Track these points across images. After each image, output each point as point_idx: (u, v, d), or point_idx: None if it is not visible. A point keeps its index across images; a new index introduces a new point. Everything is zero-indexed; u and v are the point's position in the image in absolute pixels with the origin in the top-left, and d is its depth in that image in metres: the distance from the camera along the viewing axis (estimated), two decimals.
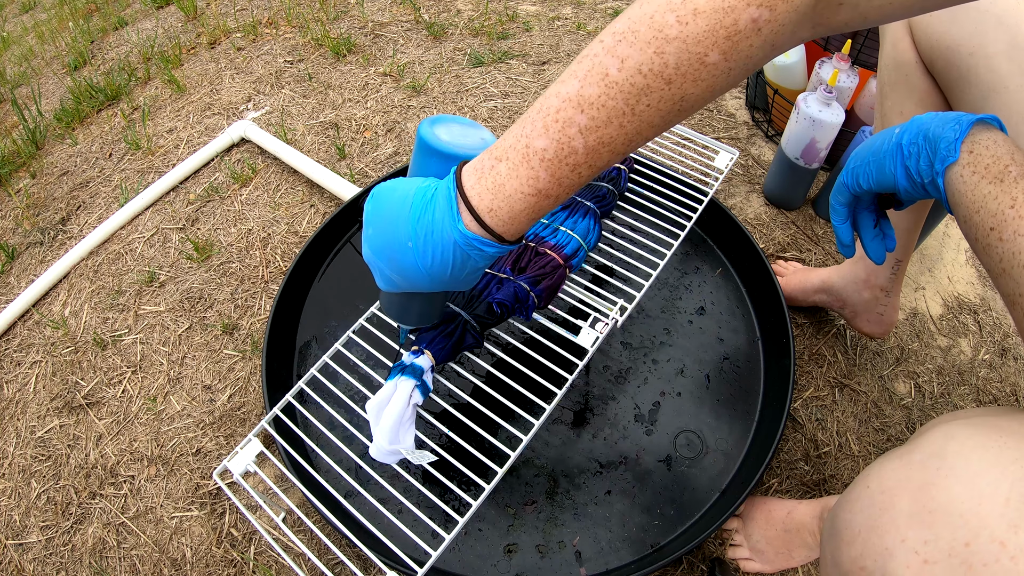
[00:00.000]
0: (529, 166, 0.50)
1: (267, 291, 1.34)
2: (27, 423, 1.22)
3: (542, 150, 0.49)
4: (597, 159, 0.50)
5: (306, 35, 1.99)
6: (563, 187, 0.51)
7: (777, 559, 0.98)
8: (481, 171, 0.52)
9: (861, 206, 0.69)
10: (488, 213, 0.52)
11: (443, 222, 0.53)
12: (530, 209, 0.52)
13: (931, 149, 0.55)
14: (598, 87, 0.46)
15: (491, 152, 0.52)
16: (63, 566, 1.05)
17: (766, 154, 1.54)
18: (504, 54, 1.83)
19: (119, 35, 2.25)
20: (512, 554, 0.97)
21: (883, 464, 0.49)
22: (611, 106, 0.47)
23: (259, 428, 0.84)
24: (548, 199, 0.51)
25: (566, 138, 0.48)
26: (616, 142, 0.49)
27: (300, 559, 1.02)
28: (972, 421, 0.47)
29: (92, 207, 1.58)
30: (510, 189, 0.51)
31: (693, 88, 0.46)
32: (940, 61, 0.78)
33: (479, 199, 0.52)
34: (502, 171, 0.51)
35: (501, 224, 0.52)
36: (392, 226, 0.56)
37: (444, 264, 0.55)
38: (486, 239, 0.53)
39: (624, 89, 0.46)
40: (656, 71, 0.45)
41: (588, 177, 0.51)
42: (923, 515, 0.42)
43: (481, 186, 0.52)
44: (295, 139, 1.65)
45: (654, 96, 0.46)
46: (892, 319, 1.11)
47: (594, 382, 1.13)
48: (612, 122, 0.47)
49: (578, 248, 0.94)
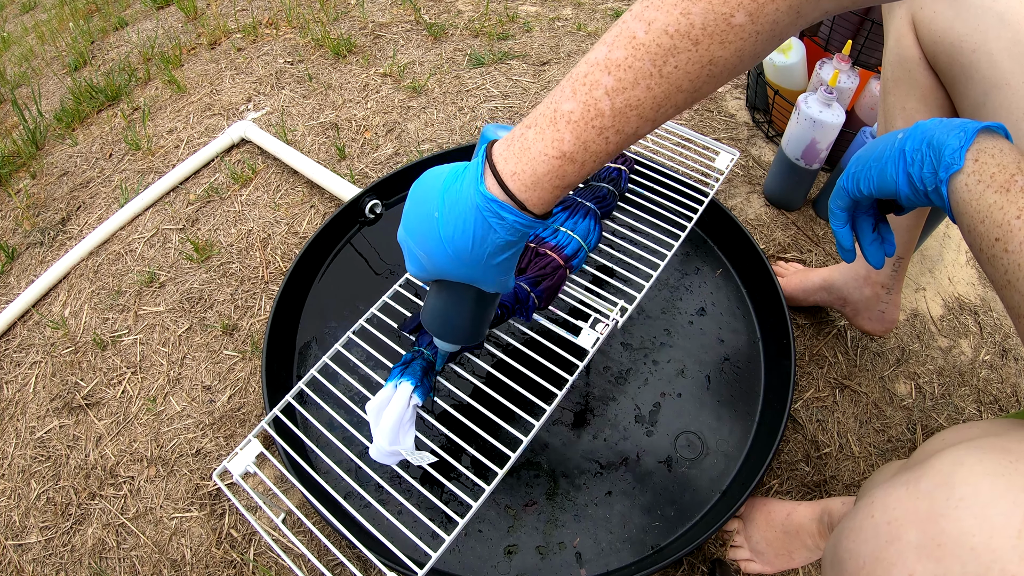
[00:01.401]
0: (555, 128, 0.50)
1: (267, 292, 1.34)
2: (27, 423, 1.21)
3: (568, 112, 0.49)
4: (625, 123, 0.49)
5: (306, 36, 1.99)
6: (589, 152, 0.50)
7: (777, 560, 0.97)
8: (511, 138, 0.52)
9: (860, 210, 0.68)
10: (511, 176, 0.52)
11: (468, 189, 0.54)
12: (553, 173, 0.51)
13: (935, 156, 0.54)
14: (625, 49, 0.47)
15: (523, 122, 0.52)
16: (63, 567, 1.05)
17: (766, 155, 1.53)
18: (504, 55, 1.83)
19: (119, 35, 2.25)
20: (512, 555, 0.97)
21: (888, 492, 0.47)
22: (638, 67, 0.47)
23: (259, 429, 0.84)
24: (573, 164, 0.51)
25: (592, 100, 0.48)
26: (644, 106, 0.48)
27: (300, 560, 1.02)
28: (981, 444, 0.45)
29: (92, 207, 1.58)
30: (535, 151, 0.51)
31: (721, 51, 0.46)
32: (943, 57, 0.78)
33: (504, 163, 0.52)
34: (529, 136, 0.51)
35: (524, 189, 0.52)
36: (424, 200, 0.57)
37: (465, 234, 0.55)
38: (506, 204, 0.53)
39: (651, 50, 0.46)
40: (683, 31, 0.45)
41: (616, 144, 0.51)
42: (932, 548, 0.40)
43: (508, 151, 0.52)
44: (295, 140, 1.64)
45: (681, 57, 0.46)
46: (893, 317, 1.10)
47: (594, 383, 1.13)
48: (639, 83, 0.47)
49: (578, 249, 0.94)
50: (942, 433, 0.57)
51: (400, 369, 0.80)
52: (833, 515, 0.89)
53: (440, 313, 0.68)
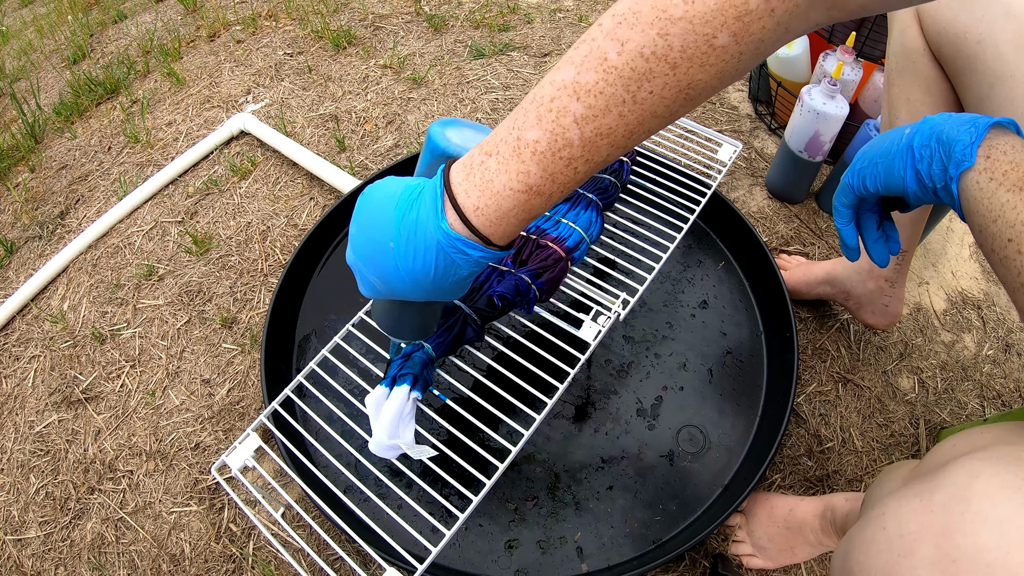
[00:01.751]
0: (520, 160, 0.46)
1: (266, 284, 1.33)
2: (25, 418, 1.21)
3: (534, 142, 0.45)
4: (594, 153, 0.46)
5: (306, 27, 1.98)
6: (557, 184, 0.47)
7: (780, 556, 0.97)
8: (470, 167, 0.48)
9: (865, 207, 0.66)
10: (474, 212, 0.48)
11: (427, 221, 0.49)
12: (520, 208, 0.48)
13: (945, 152, 0.52)
14: (596, 72, 0.43)
15: (481, 147, 0.49)
16: (62, 562, 1.05)
17: (769, 147, 1.52)
18: (505, 46, 1.82)
19: (118, 28, 2.24)
20: (513, 550, 0.97)
21: (902, 503, 0.45)
22: (610, 93, 0.43)
23: (257, 423, 0.83)
24: (540, 197, 0.48)
25: (560, 128, 0.45)
26: (616, 134, 0.45)
27: (299, 555, 1.01)
28: (997, 455, 0.43)
29: (91, 201, 1.57)
30: (498, 185, 0.47)
31: (701, 74, 0.42)
32: (948, 49, 0.77)
33: (465, 196, 0.48)
34: (491, 166, 0.47)
35: (488, 224, 0.49)
36: (376, 225, 0.52)
37: (426, 268, 0.51)
38: (471, 241, 0.49)
39: (624, 74, 0.42)
40: (660, 54, 0.41)
41: (585, 173, 0.47)
42: (946, 564, 0.39)
43: (469, 183, 0.48)
44: (295, 132, 1.64)
45: (657, 82, 0.43)
46: (897, 310, 1.10)
47: (596, 376, 1.12)
48: (611, 111, 0.44)
49: (580, 241, 0.93)
50: (952, 438, 0.55)
51: (400, 362, 0.79)
52: (836, 511, 0.89)
53: (392, 315, 0.68)
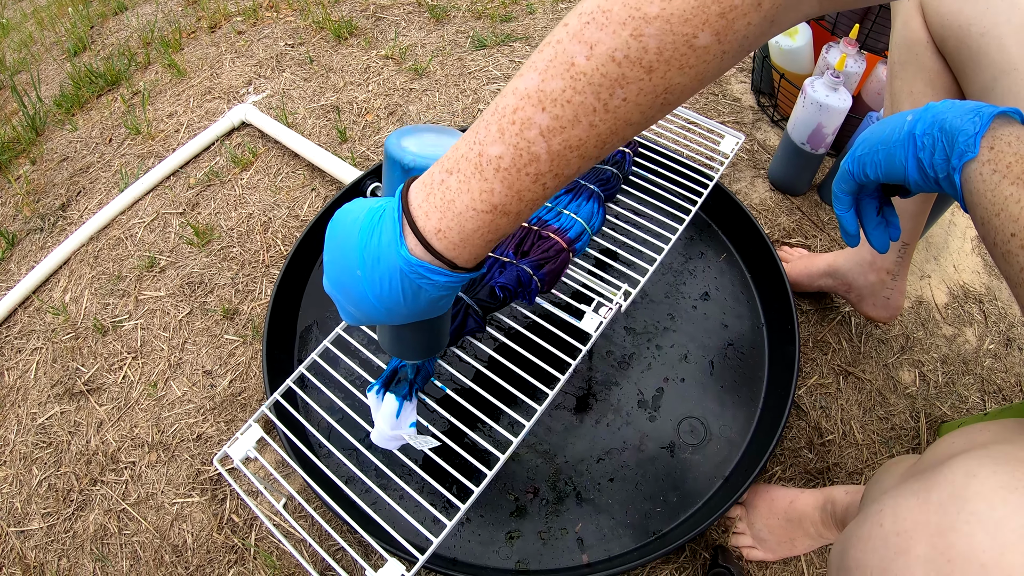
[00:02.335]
0: (482, 177, 0.43)
1: (268, 276, 1.33)
2: (28, 410, 1.21)
3: (497, 158, 0.42)
4: (564, 166, 0.42)
5: (307, 18, 1.97)
6: (524, 202, 0.44)
7: (780, 548, 0.97)
8: (430, 186, 0.45)
9: (864, 193, 0.65)
10: (436, 235, 0.45)
11: (388, 248, 0.46)
12: (485, 229, 0.45)
13: (948, 142, 0.51)
14: (562, 79, 0.39)
15: (442, 164, 0.45)
16: (64, 553, 1.05)
17: (771, 139, 1.52)
18: (507, 37, 1.81)
19: (119, 20, 2.23)
20: (514, 540, 0.97)
21: (899, 501, 0.45)
22: (578, 101, 0.39)
23: (259, 414, 0.83)
24: (506, 216, 0.44)
25: (525, 143, 0.41)
26: (586, 145, 0.41)
27: (301, 545, 1.02)
28: (994, 454, 0.43)
29: (92, 193, 1.57)
30: (460, 205, 0.44)
31: (679, 77, 0.39)
32: (951, 41, 0.76)
33: (426, 219, 0.45)
34: (452, 185, 0.44)
35: (451, 248, 0.46)
36: (343, 253, 0.50)
37: (394, 295, 0.48)
38: (434, 266, 0.46)
39: (594, 81, 0.39)
40: (634, 58, 0.38)
41: (555, 188, 0.44)
42: (941, 563, 0.39)
43: (429, 204, 0.45)
44: (296, 123, 1.63)
45: (631, 88, 0.39)
46: (898, 303, 1.09)
47: (597, 367, 1.12)
48: (580, 121, 0.40)
49: (582, 232, 0.93)
50: (951, 435, 0.55)
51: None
52: (836, 504, 0.89)
53: (396, 338, 0.65)
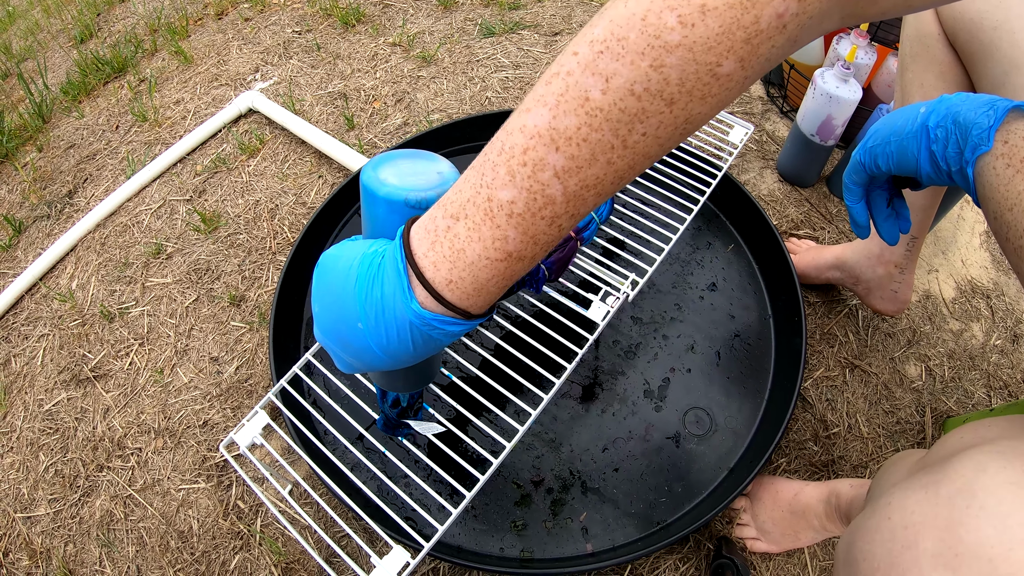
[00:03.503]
0: (494, 224, 0.40)
1: (275, 262, 1.33)
2: (35, 396, 1.22)
3: (509, 203, 0.39)
4: (580, 206, 0.40)
5: (314, 5, 1.96)
6: (539, 245, 0.41)
7: (783, 540, 0.97)
8: (435, 233, 0.42)
9: (875, 184, 0.65)
10: (447, 286, 0.42)
11: (393, 300, 0.44)
12: (499, 276, 0.42)
13: (961, 135, 0.50)
14: (576, 116, 0.36)
15: (444, 208, 0.42)
16: (71, 538, 1.06)
17: (780, 130, 1.51)
18: (516, 24, 1.80)
19: (125, 7, 2.23)
20: (518, 529, 0.97)
21: (907, 494, 0.45)
22: (595, 139, 0.37)
23: (265, 400, 0.83)
24: (521, 262, 0.42)
25: (539, 185, 0.38)
26: (603, 183, 0.39)
27: (306, 532, 1.02)
28: (1004, 449, 0.43)
29: (99, 180, 1.57)
30: (472, 255, 0.41)
31: (700, 107, 0.36)
32: (963, 34, 0.76)
33: (435, 270, 0.42)
34: (460, 233, 0.41)
35: (465, 298, 0.43)
36: (338, 304, 0.47)
37: (404, 346, 0.46)
38: (448, 318, 0.44)
39: (612, 117, 0.36)
40: (654, 91, 0.35)
41: (569, 228, 0.41)
42: (949, 557, 0.39)
43: (436, 254, 0.42)
44: (303, 110, 1.63)
45: (652, 122, 0.36)
46: (906, 297, 1.09)
47: (604, 357, 1.12)
48: (597, 159, 0.37)
49: (590, 221, 0.93)
50: (959, 430, 0.55)
51: None
52: (841, 497, 0.89)
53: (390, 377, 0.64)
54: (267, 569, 1.00)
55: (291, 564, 1.00)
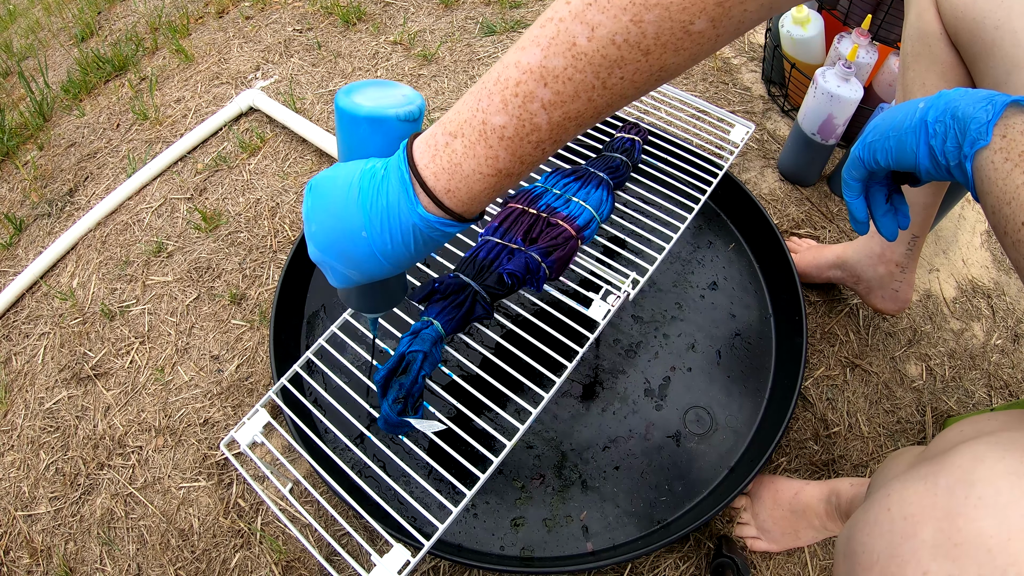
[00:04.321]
0: (487, 145, 0.46)
1: (275, 261, 1.33)
2: (35, 394, 1.22)
3: (501, 127, 0.45)
4: (562, 134, 0.46)
5: (315, 3, 1.96)
6: (525, 164, 0.47)
7: (784, 539, 0.97)
8: (435, 148, 0.48)
9: (874, 180, 0.65)
10: (446, 194, 0.48)
11: (399, 206, 0.49)
12: (490, 189, 0.48)
13: (960, 129, 0.50)
14: (564, 58, 0.42)
15: (444, 126, 0.48)
16: (71, 536, 1.06)
17: (782, 129, 1.51)
18: (516, 23, 1.80)
19: (126, 6, 2.23)
20: (519, 527, 0.97)
21: (906, 485, 0.45)
22: (579, 79, 0.42)
23: (266, 399, 0.83)
24: (509, 178, 0.48)
25: (528, 114, 0.44)
26: (584, 116, 0.45)
27: (307, 530, 1.02)
28: (1002, 440, 0.43)
29: (100, 178, 1.57)
30: (467, 169, 0.47)
31: (674, 58, 0.42)
32: (965, 33, 0.76)
33: (435, 180, 0.48)
34: (457, 149, 0.47)
35: (460, 205, 0.49)
36: (339, 217, 0.52)
37: (406, 248, 0.51)
38: (447, 220, 0.50)
39: (594, 61, 0.41)
40: (632, 42, 0.40)
41: (552, 152, 0.48)
42: (948, 547, 0.39)
43: (436, 165, 0.48)
44: (304, 108, 1.63)
45: (629, 68, 0.42)
46: (907, 296, 1.09)
47: (604, 355, 1.12)
48: (580, 96, 0.43)
49: (591, 219, 0.93)
50: (959, 423, 0.55)
51: (409, 339, 0.79)
52: (841, 496, 0.89)
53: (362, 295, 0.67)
54: (267, 567, 1.00)
55: (291, 562, 1.00)
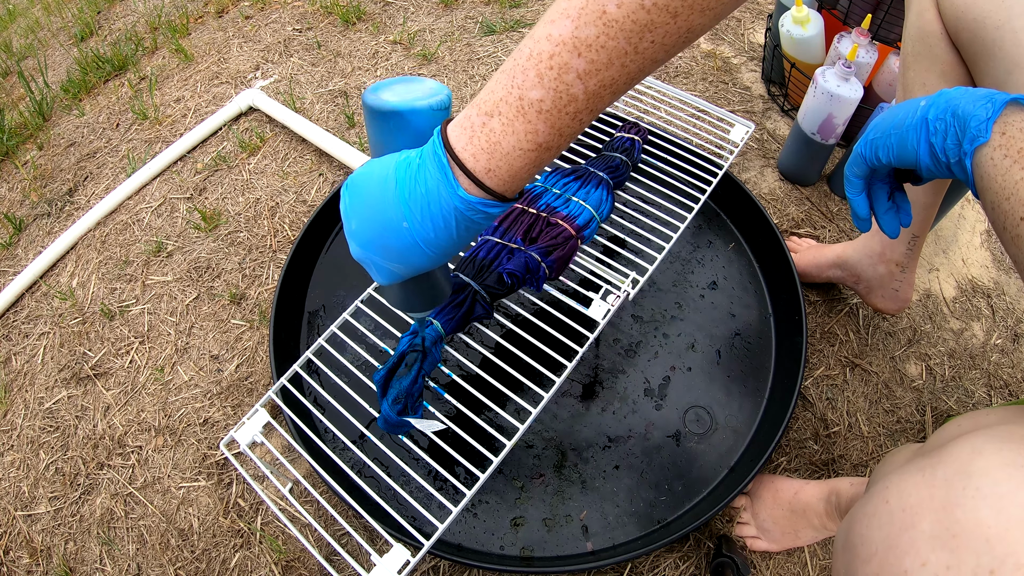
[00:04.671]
0: (526, 120, 0.46)
1: (275, 260, 1.33)
2: (35, 394, 1.22)
3: (538, 101, 0.45)
4: (599, 102, 0.47)
5: (315, 3, 1.96)
6: (564, 136, 0.48)
7: (783, 539, 0.97)
8: (472, 129, 0.48)
9: (876, 178, 0.65)
10: (487, 174, 0.48)
11: (438, 191, 0.49)
12: (530, 164, 0.49)
13: (960, 127, 0.51)
14: (595, 27, 0.43)
15: (478, 107, 0.48)
16: (71, 536, 1.06)
17: (781, 129, 1.51)
18: (516, 23, 1.80)
19: (126, 5, 2.23)
20: (519, 527, 0.97)
21: (904, 477, 0.45)
22: (612, 47, 0.43)
23: (266, 398, 0.83)
24: (549, 151, 0.49)
25: (564, 85, 0.45)
26: (618, 83, 0.46)
27: (307, 530, 1.02)
28: (1000, 433, 0.44)
29: (99, 178, 1.57)
30: (507, 146, 0.47)
31: (700, 19, 0.43)
32: (965, 33, 0.76)
33: (475, 160, 0.48)
34: (495, 127, 0.47)
35: (501, 184, 0.49)
36: (379, 211, 0.52)
37: (448, 234, 0.51)
38: (489, 200, 0.50)
39: (626, 28, 0.42)
40: (661, 5, 0.41)
41: (589, 121, 0.49)
42: (946, 538, 0.39)
43: (475, 146, 0.48)
44: (304, 108, 1.63)
45: (659, 32, 0.43)
46: (907, 295, 1.09)
47: (604, 355, 1.12)
48: (614, 63, 0.44)
49: (590, 219, 0.93)
50: (958, 419, 0.55)
51: (409, 338, 0.79)
52: (841, 495, 0.89)
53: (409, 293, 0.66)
54: (267, 567, 1.00)
55: (291, 562, 1.00)
